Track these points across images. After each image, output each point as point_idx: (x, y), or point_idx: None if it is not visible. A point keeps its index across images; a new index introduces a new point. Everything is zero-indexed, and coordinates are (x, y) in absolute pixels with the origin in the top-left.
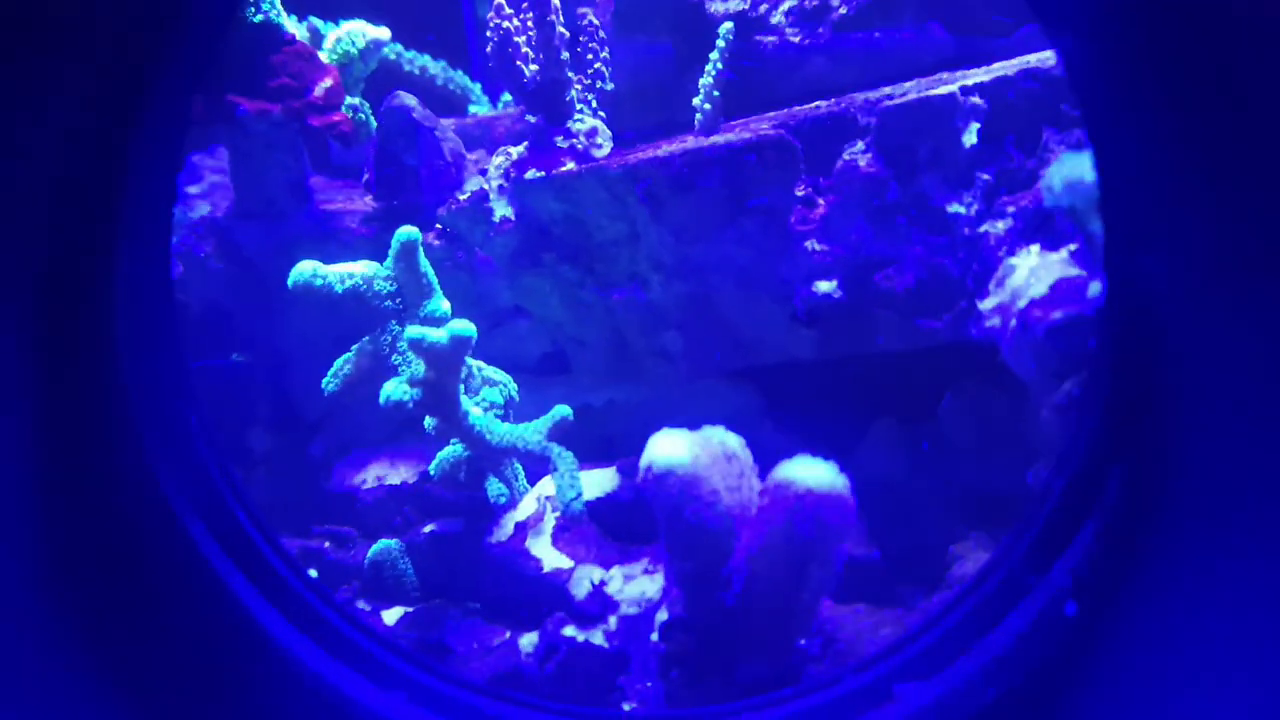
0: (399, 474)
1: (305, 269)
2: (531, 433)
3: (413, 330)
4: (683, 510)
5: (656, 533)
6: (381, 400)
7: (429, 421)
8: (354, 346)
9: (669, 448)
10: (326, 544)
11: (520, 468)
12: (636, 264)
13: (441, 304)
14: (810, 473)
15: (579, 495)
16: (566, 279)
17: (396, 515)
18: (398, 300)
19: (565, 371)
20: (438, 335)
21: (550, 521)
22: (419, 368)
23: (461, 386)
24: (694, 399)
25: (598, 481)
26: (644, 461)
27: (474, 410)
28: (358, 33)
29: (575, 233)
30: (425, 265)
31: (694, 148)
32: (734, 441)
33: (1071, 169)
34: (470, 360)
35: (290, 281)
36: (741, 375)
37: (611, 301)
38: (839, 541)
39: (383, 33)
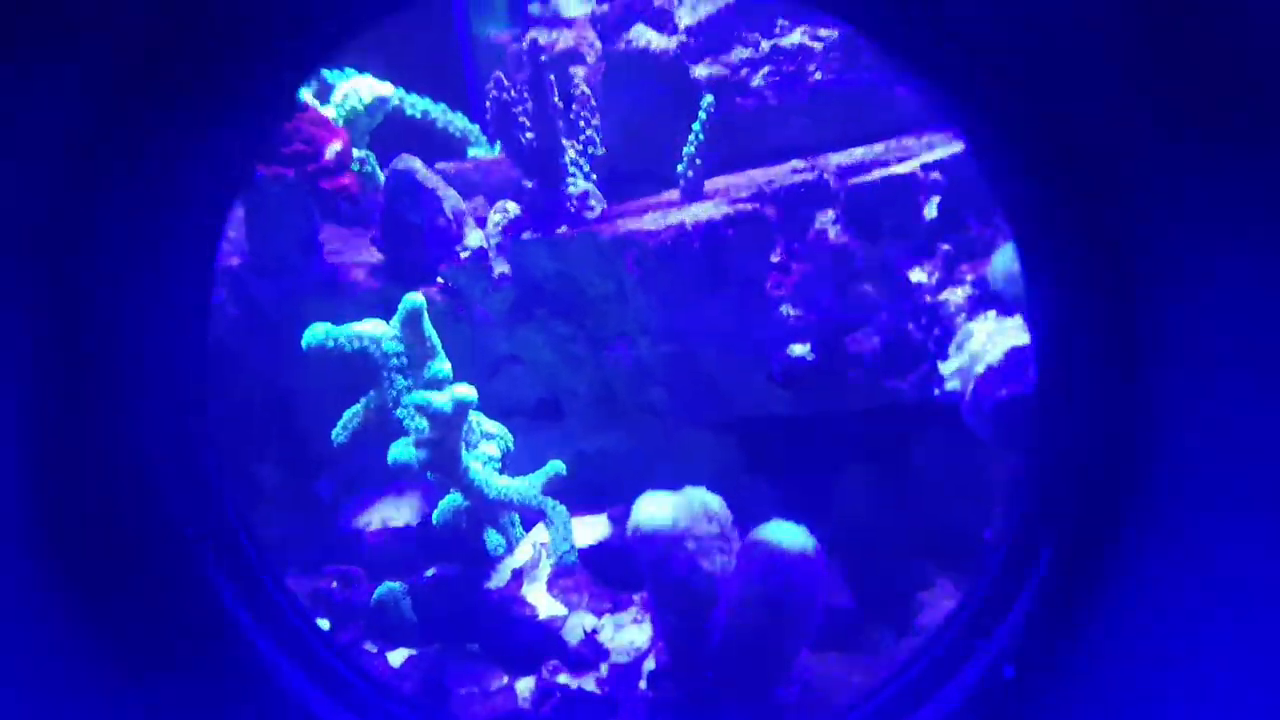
0: (403, 515)
1: (319, 332)
2: (527, 488)
3: (418, 396)
4: (666, 568)
5: (644, 582)
6: (390, 461)
7: (431, 475)
8: (361, 400)
9: (653, 510)
10: (334, 584)
11: (517, 514)
12: (625, 323)
13: (444, 366)
14: (783, 536)
15: (572, 548)
16: (559, 333)
17: (401, 557)
18: (403, 358)
19: (560, 417)
20: (442, 400)
21: (546, 568)
22: (423, 426)
23: (462, 443)
24: (680, 449)
25: (590, 530)
26: (631, 522)
27: (474, 465)
28: (364, 89)
29: (568, 290)
30: (429, 329)
31: (677, 223)
32: (714, 502)
33: (1008, 260)
34: (470, 414)
35: (304, 344)
36: (724, 428)
37: (601, 356)
38: (810, 599)
39: (386, 89)
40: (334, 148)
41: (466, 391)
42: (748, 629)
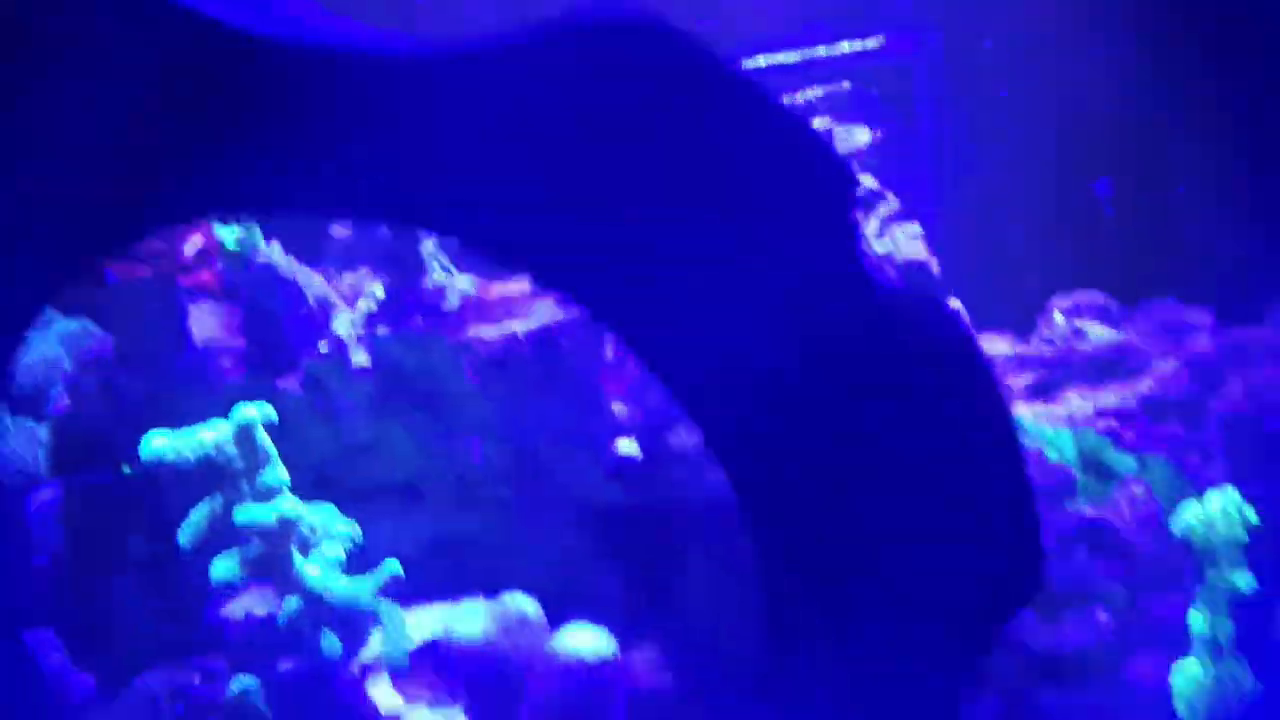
0: (268, 605)
1: (157, 445)
2: (364, 589)
3: (241, 513)
4: (476, 674)
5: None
6: (213, 579)
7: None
8: (205, 500)
9: (465, 625)
10: (196, 678)
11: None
12: (474, 418)
13: (277, 475)
14: (582, 641)
15: (404, 653)
16: (417, 424)
17: (264, 648)
18: (240, 464)
19: (420, 502)
20: (266, 517)
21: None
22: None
23: (295, 549)
24: (530, 537)
25: (437, 621)
26: (444, 632)
27: (310, 571)
28: None
29: (425, 383)
30: (262, 439)
31: (509, 333)
32: (529, 607)
33: None
34: (311, 517)
35: (142, 456)
36: (569, 518)
37: (453, 449)
38: (611, 697)
39: None
40: (193, 243)
41: (292, 507)
42: None
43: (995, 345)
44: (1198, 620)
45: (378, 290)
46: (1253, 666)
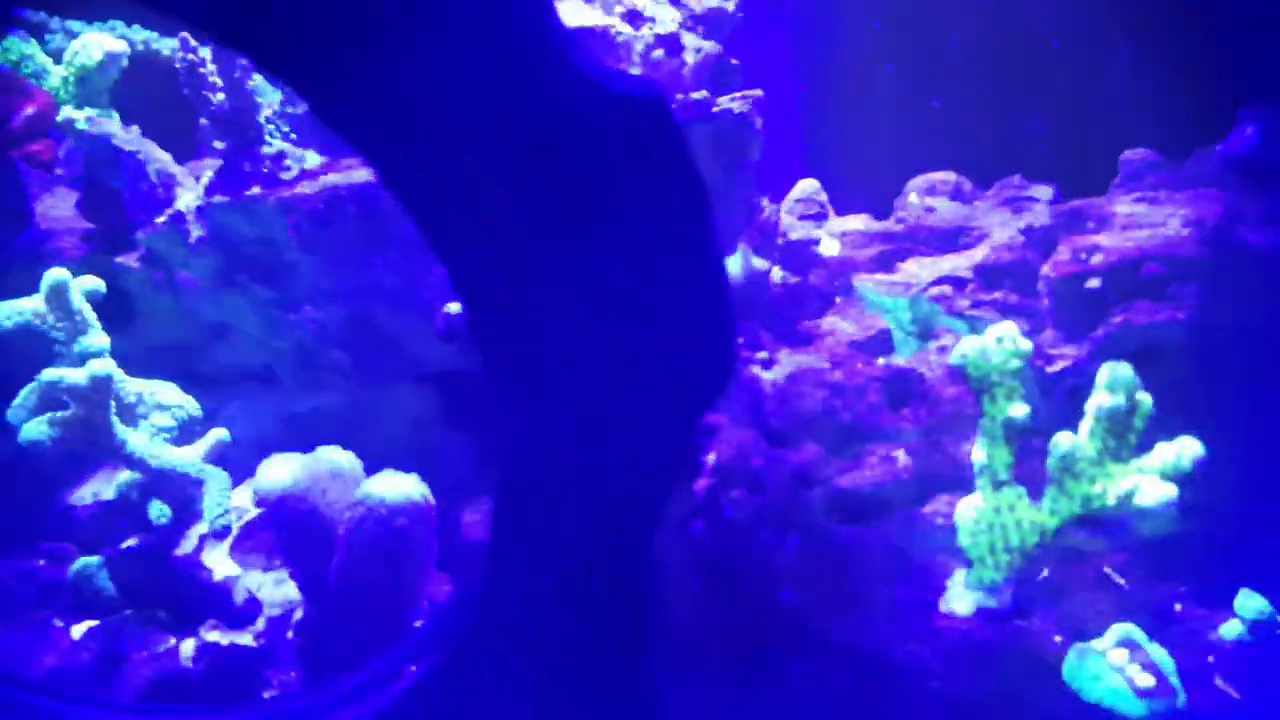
0: (113, 488)
1: None
2: (189, 456)
3: (49, 374)
4: (290, 524)
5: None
6: (21, 440)
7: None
8: (37, 377)
9: (274, 474)
10: (41, 562)
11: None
12: (306, 287)
13: (95, 341)
14: (390, 486)
15: (225, 513)
16: (261, 298)
17: (112, 530)
18: (60, 333)
19: (274, 382)
20: (75, 377)
21: (235, 533)
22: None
23: (116, 417)
24: (377, 407)
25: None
26: (254, 486)
27: (133, 439)
28: (93, 46)
29: (267, 253)
30: (79, 303)
31: (330, 186)
32: (345, 459)
33: None
34: (138, 388)
35: None
36: (408, 384)
37: (293, 320)
38: (423, 540)
39: (119, 45)
40: (26, 113)
41: (103, 366)
42: (364, 574)
43: (849, 223)
44: (978, 452)
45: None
46: None
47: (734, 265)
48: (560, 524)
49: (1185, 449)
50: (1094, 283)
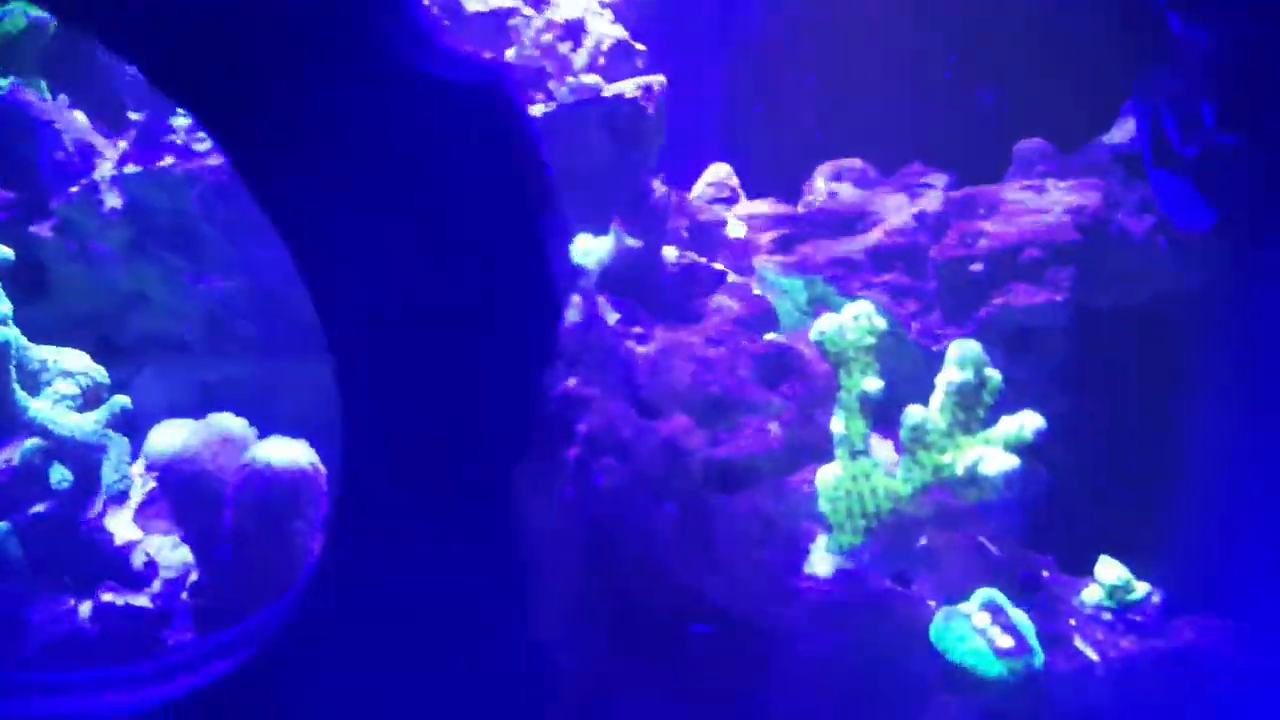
0: (19, 454)
1: None
2: (89, 423)
3: None
4: (181, 487)
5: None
6: None
7: None
8: None
9: (163, 439)
10: None
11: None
12: (214, 258)
13: None
14: (277, 451)
15: (124, 478)
16: (171, 267)
17: (17, 496)
18: None
19: (185, 351)
20: None
21: (136, 498)
22: None
23: (17, 384)
24: (288, 377)
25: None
26: (144, 450)
27: (35, 406)
28: (17, 14)
29: (177, 223)
30: None
31: None
32: (236, 425)
33: None
34: (43, 355)
35: None
36: (312, 353)
37: (203, 289)
38: (310, 503)
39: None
40: None
41: (3, 333)
42: (254, 535)
43: (756, 207)
44: (836, 423)
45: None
46: None
47: (606, 244)
48: (406, 490)
49: (1027, 421)
50: (977, 266)
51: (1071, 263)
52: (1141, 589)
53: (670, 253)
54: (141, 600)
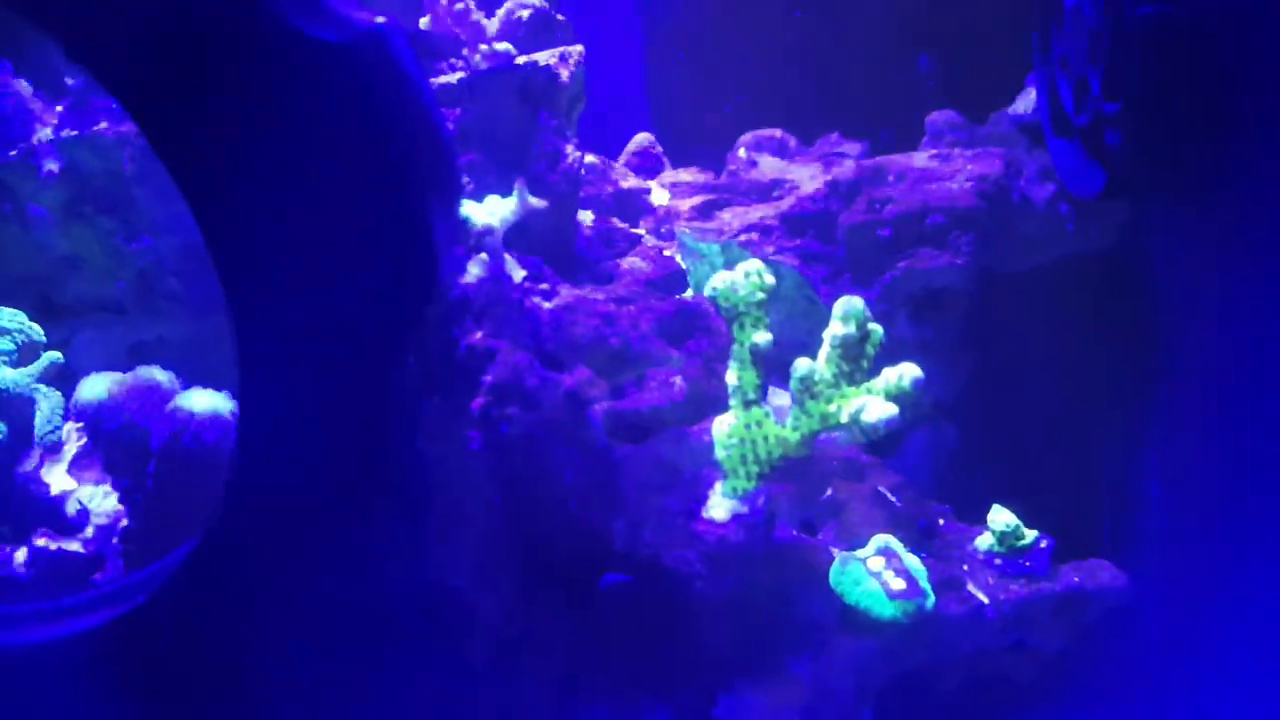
0: None
1: None
2: (22, 377)
3: None
4: (109, 437)
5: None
6: None
7: None
8: None
9: (90, 389)
10: None
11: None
12: (146, 217)
13: None
14: (200, 401)
15: (55, 430)
16: (105, 229)
17: None
18: None
19: (122, 312)
20: None
21: (71, 450)
22: None
23: None
24: (221, 334)
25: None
26: (72, 400)
27: None
28: None
29: (114, 186)
30: None
31: None
32: (161, 377)
33: None
34: None
35: None
36: None
37: (135, 250)
38: (226, 449)
39: None
40: None
41: None
42: (175, 482)
43: (680, 176)
44: (730, 375)
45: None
46: None
47: (510, 203)
48: (305, 439)
49: (905, 372)
50: (884, 231)
51: (973, 228)
52: (1030, 535)
53: (586, 216)
54: (74, 546)
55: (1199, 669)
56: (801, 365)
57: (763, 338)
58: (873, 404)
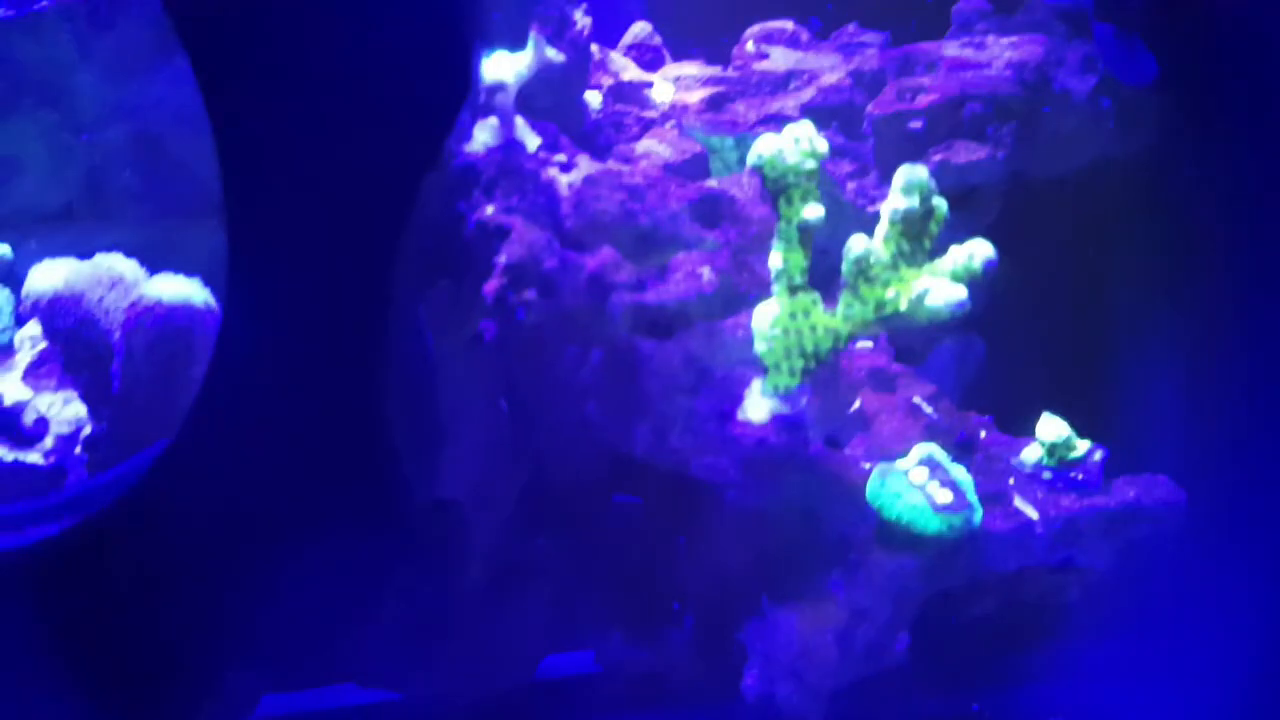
0: None
1: None
2: None
3: None
4: (67, 334)
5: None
6: None
7: None
8: None
9: (42, 278)
10: None
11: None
12: (93, 108)
13: None
14: (166, 288)
15: (6, 329)
16: (47, 123)
17: None
18: None
19: (73, 218)
20: None
21: (25, 358)
22: None
23: None
24: (180, 238)
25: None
26: (24, 290)
27: None
28: None
29: (52, 74)
30: None
31: None
32: (126, 267)
33: None
34: None
35: None
36: (201, 206)
37: (82, 145)
38: (205, 346)
39: None
40: None
41: None
42: (141, 378)
43: (683, 69)
44: (774, 258)
45: None
46: None
47: (526, 57)
48: (294, 330)
49: (977, 251)
50: (916, 123)
51: (1014, 119)
52: (1083, 446)
53: (594, 98)
54: (34, 457)
55: (1255, 591)
56: (857, 244)
57: (814, 212)
58: (939, 286)
